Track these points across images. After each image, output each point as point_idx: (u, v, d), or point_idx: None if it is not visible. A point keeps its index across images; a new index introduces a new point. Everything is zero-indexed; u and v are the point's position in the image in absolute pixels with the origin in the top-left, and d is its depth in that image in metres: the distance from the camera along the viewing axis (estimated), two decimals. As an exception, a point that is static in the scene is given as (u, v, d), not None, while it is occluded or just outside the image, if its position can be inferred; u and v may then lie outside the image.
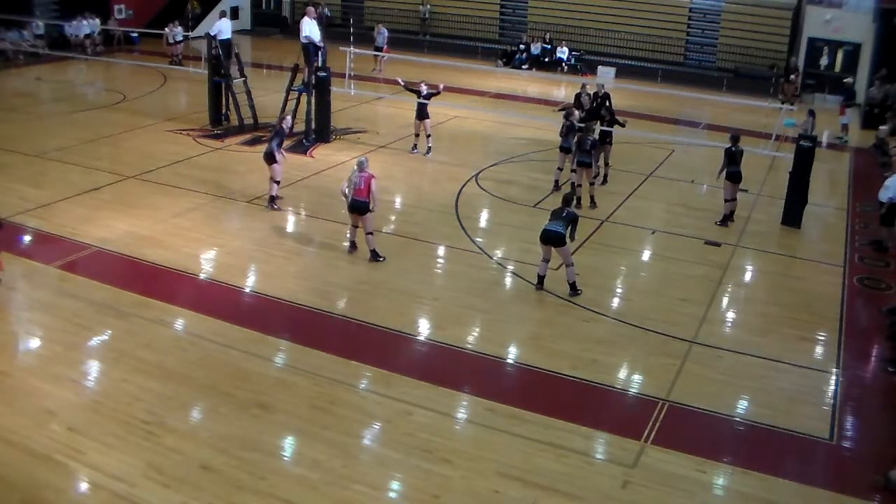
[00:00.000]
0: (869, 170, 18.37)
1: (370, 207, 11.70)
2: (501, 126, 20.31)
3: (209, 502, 6.96)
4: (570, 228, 10.98)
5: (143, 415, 8.09)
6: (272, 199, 13.82)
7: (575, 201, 13.25)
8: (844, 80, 23.70)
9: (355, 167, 11.82)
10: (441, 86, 17.75)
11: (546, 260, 11.27)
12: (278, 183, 13.78)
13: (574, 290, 11.19)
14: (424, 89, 17.16)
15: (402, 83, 17.99)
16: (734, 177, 14.12)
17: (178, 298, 10.65)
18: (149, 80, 23.73)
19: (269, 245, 12.57)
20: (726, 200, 14.35)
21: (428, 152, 17.54)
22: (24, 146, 16.62)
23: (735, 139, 14.30)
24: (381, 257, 11.98)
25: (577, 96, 17.66)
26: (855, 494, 7.54)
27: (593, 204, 14.46)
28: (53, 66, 25.57)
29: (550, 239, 10.98)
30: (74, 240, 12.24)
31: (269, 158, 13.58)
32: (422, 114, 17.23)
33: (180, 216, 13.44)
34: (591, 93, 17.49)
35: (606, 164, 16.23)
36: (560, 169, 15.52)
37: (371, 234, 11.94)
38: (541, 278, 11.31)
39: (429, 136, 17.52)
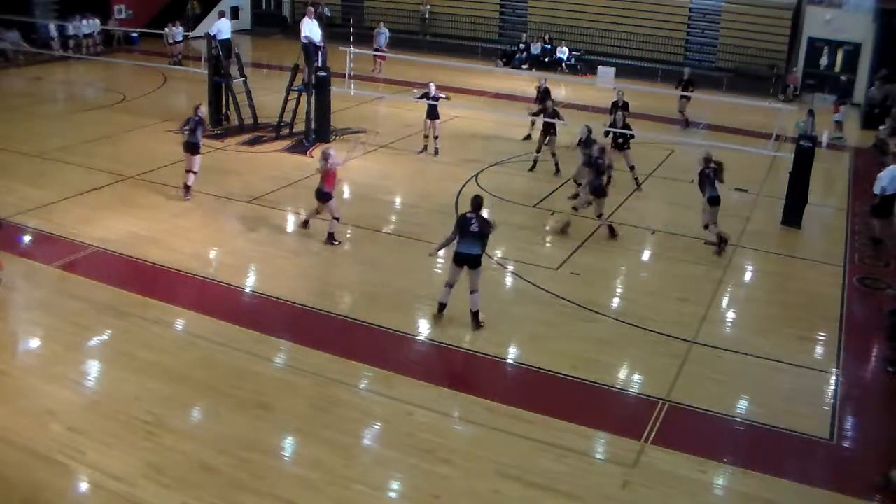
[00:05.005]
0: (869, 170, 18.33)
1: (331, 193, 12.37)
2: (501, 126, 20.30)
3: (209, 502, 6.96)
4: (484, 242, 9.97)
5: (143, 415, 8.09)
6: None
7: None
8: (840, 78, 23.81)
9: (321, 157, 12.45)
10: (448, 97, 17.79)
11: (450, 285, 10.10)
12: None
13: (477, 319, 10.13)
14: (433, 89, 17.26)
15: (416, 100, 17.98)
16: (714, 201, 12.80)
17: (178, 298, 10.65)
18: (149, 80, 23.72)
19: (269, 245, 12.57)
20: (706, 227, 12.97)
21: (436, 153, 17.57)
22: (24, 146, 16.62)
23: (707, 160, 12.97)
24: (336, 241, 12.51)
25: (615, 104, 17.53)
26: (855, 494, 7.53)
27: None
28: (53, 66, 25.58)
29: (467, 261, 9.88)
30: (74, 240, 12.24)
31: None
32: (433, 114, 17.32)
33: (180, 216, 13.44)
34: (619, 101, 17.46)
35: (608, 167, 16.11)
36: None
37: (337, 219, 12.55)
38: (442, 306, 10.20)
39: (436, 136, 17.55)
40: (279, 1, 35.32)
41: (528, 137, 19.04)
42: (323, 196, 12.39)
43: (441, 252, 10.77)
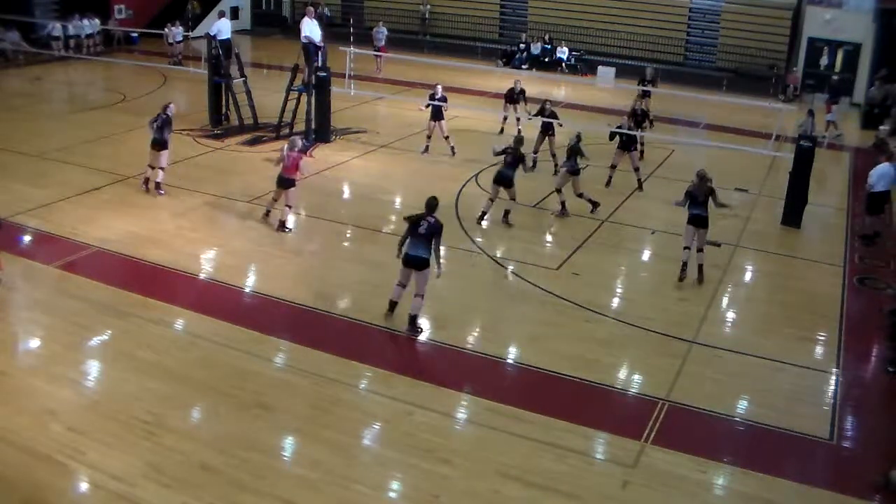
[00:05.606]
0: (869, 170, 18.32)
1: (295, 182, 12.78)
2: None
3: (209, 502, 6.96)
4: (434, 244, 9.76)
5: (143, 415, 8.08)
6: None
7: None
8: (832, 78, 23.87)
9: (287, 145, 12.92)
10: (447, 107, 17.75)
11: (402, 284, 10.06)
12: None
13: (414, 325, 10.01)
14: (439, 91, 17.26)
15: (425, 104, 17.74)
16: (694, 221, 11.69)
17: (178, 298, 10.64)
18: (149, 80, 23.71)
19: (269, 245, 12.57)
20: (685, 248, 11.81)
21: (452, 153, 17.58)
22: (24, 146, 16.62)
23: (701, 177, 11.79)
24: (287, 229, 12.89)
25: (633, 111, 17.59)
26: (855, 494, 7.54)
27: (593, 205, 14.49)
28: (53, 66, 25.58)
29: (413, 263, 9.84)
30: (74, 240, 12.24)
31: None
32: (437, 115, 17.31)
33: (180, 216, 13.44)
34: (638, 108, 17.64)
35: (612, 167, 16.15)
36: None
37: (290, 206, 12.92)
38: (392, 304, 10.21)
39: (447, 136, 17.50)
40: (279, 1, 35.32)
41: (520, 134, 19.13)
42: (285, 182, 12.73)
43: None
